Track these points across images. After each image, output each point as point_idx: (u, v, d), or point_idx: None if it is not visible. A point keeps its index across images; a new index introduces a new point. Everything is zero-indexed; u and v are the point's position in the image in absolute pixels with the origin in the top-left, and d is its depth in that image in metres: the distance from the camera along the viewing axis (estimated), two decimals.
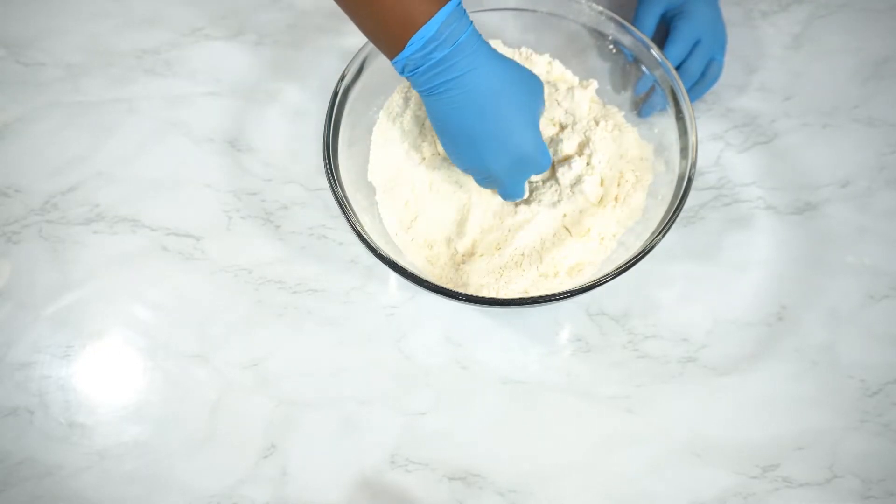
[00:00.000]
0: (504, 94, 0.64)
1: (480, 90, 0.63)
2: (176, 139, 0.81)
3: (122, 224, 0.77)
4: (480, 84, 0.63)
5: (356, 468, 0.68)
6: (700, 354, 0.71)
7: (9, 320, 0.73)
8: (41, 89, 0.83)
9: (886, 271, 0.74)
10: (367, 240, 0.66)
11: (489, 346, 0.72)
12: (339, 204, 0.67)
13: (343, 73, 0.71)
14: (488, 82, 0.63)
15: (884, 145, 0.79)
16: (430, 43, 0.61)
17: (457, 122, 0.64)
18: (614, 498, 0.67)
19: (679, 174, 0.69)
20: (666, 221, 0.66)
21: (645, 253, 0.65)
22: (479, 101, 0.63)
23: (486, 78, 0.63)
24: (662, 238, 0.66)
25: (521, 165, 0.67)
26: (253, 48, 0.85)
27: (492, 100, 0.64)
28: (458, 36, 0.62)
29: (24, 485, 0.68)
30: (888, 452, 0.68)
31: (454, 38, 0.61)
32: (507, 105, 0.64)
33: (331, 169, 0.68)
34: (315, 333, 0.73)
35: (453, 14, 0.61)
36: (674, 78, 0.72)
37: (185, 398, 0.71)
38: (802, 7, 0.86)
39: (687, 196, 0.67)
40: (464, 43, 0.62)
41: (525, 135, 0.65)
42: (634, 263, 0.65)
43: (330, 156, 0.69)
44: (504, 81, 0.64)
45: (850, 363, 0.71)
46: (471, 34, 0.62)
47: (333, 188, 0.68)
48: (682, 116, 0.70)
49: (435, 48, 0.61)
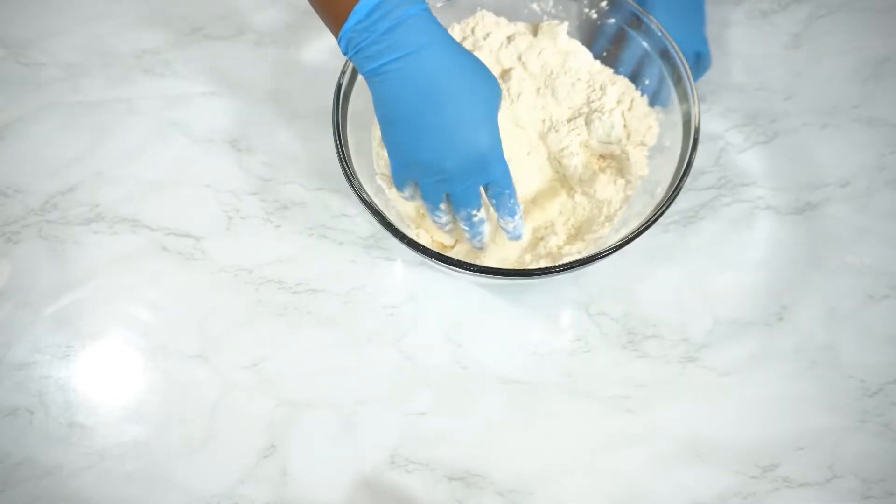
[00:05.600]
0: (457, 79, 0.57)
1: (429, 71, 0.57)
2: (176, 139, 0.81)
3: (121, 224, 0.77)
4: (430, 65, 0.57)
5: (356, 468, 0.68)
6: (700, 354, 0.71)
7: (9, 320, 0.73)
8: (41, 89, 0.83)
9: (886, 271, 0.74)
10: (370, 205, 0.65)
11: (489, 345, 0.72)
12: (345, 171, 0.67)
13: (343, 67, 0.71)
14: (439, 64, 0.57)
15: (884, 145, 0.79)
16: (375, 12, 0.55)
17: (402, 107, 0.58)
18: (614, 498, 0.67)
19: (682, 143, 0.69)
20: (671, 193, 0.66)
21: (654, 220, 0.65)
22: (427, 84, 0.57)
23: (437, 59, 0.57)
24: (672, 203, 0.66)
25: (475, 165, 0.60)
26: (253, 48, 0.85)
27: (443, 84, 0.57)
28: (407, 9, 0.56)
29: (24, 485, 0.68)
30: (888, 452, 0.68)
31: (402, 10, 0.56)
32: (460, 92, 0.57)
33: (340, 145, 0.67)
34: (315, 333, 0.73)
35: None
36: (670, 44, 0.70)
37: (185, 398, 0.71)
38: (802, 7, 0.86)
39: (694, 157, 0.67)
40: (412, 17, 0.56)
41: (480, 128, 0.59)
42: (645, 230, 0.65)
43: (338, 127, 0.68)
44: (458, 67, 0.58)
45: (850, 363, 0.71)
46: (422, 11, 0.57)
47: (342, 159, 0.67)
48: (682, 85, 0.70)
49: (379, 18, 0.56)
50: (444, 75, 0.57)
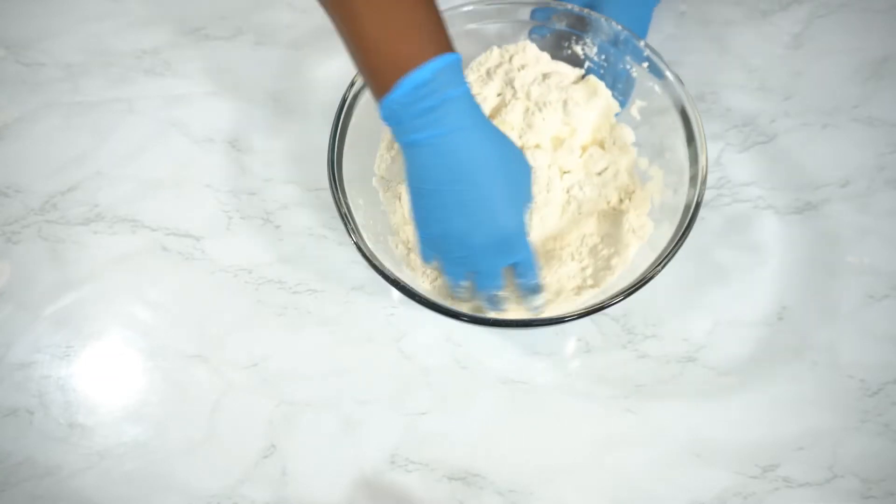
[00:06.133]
0: (493, 162, 0.59)
1: (464, 151, 0.58)
2: (176, 139, 0.81)
3: (121, 224, 0.77)
4: (468, 146, 0.58)
5: (356, 468, 0.68)
6: (700, 354, 0.71)
7: (9, 320, 0.73)
8: (41, 89, 0.83)
9: (886, 271, 0.74)
10: (369, 257, 0.65)
11: (489, 345, 0.72)
12: (343, 218, 0.66)
13: (352, 79, 0.70)
14: (477, 146, 0.58)
15: (884, 145, 0.79)
16: (421, 89, 0.56)
17: (433, 181, 0.59)
18: (614, 498, 0.67)
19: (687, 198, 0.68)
20: (673, 245, 0.65)
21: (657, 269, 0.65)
22: (460, 163, 0.58)
23: (476, 141, 0.58)
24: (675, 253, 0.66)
25: (501, 247, 0.61)
26: (253, 48, 0.85)
27: (476, 164, 0.58)
28: (451, 90, 0.57)
29: (24, 485, 0.68)
30: (888, 452, 0.68)
31: (446, 90, 0.57)
32: (494, 175, 0.59)
33: (335, 180, 0.67)
34: (315, 333, 0.73)
35: (450, 67, 0.57)
36: (685, 97, 0.69)
37: (185, 398, 0.71)
38: (802, 6, 0.86)
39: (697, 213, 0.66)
40: (456, 99, 0.57)
41: (510, 212, 0.60)
42: (644, 283, 0.64)
43: (335, 167, 0.68)
44: (494, 150, 0.59)
45: (850, 363, 0.71)
46: (465, 93, 0.58)
47: (337, 201, 0.67)
48: (693, 143, 0.69)
49: (424, 95, 0.56)
50: (478, 156, 0.58)
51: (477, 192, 0.59)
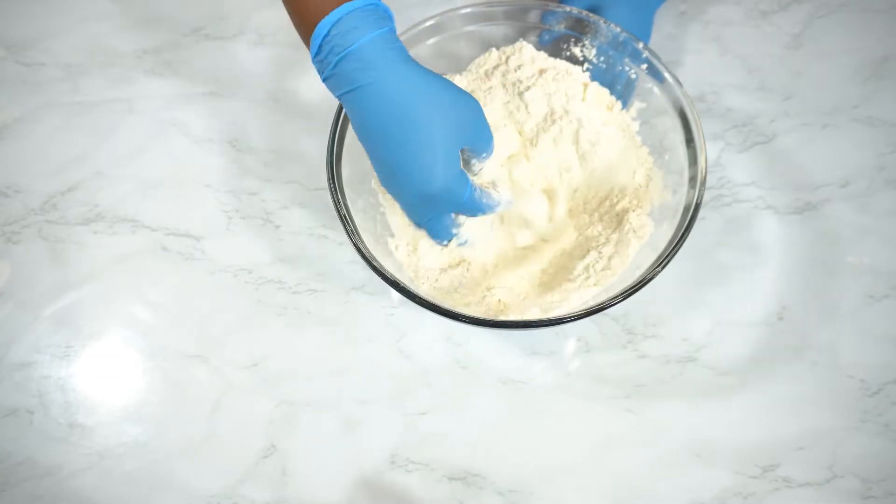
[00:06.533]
0: (407, 113, 0.55)
1: (377, 106, 0.54)
2: (176, 139, 0.81)
3: (121, 224, 0.77)
4: (378, 99, 0.54)
5: (356, 468, 0.68)
6: (700, 354, 0.71)
7: (9, 320, 0.73)
8: (41, 89, 0.83)
9: (886, 271, 0.74)
10: (368, 258, 0.65)
11: (489, 345, 0.72)
12: (342, 219, 0.66)
13: None
14: (386, 98, 0.54)
15: (884, 145, 0.79)
16: (325, 45, 0.53)
17: (363, 139, 0.57)
18: (614, 498, 0.67)
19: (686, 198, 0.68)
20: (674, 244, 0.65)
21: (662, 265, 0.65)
22: (375, 120, 0.55)
23: (384, 93, 0.54)
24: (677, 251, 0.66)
25: (430, 201, 0.58)
26: (253, 48, 0.85)
27: (390, 120, 0.55)
28: (351, 39, 0.53)
29: (24, 485, 0.68)
30: (888, 452, 0.68)
31: (346, 41, 0.53)
32: (409, 127, 0.55)
33: (334, 182, 0.67)
34: (315, 333, 0.73)
35: (354, 14, 0.53)
36: (684, 99, 0.69)
37: (185, 398, 0.71)
38: (802, 7, 0.86)
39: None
40: (358, 49, 0.53)
41: (432, 165, 0.56)
42: (642, 286, 0.64)
43: (333, 168, 0.67)
44: (409, 98, 0.55)
45: (850, 363, 0.71)
46: (374, 39, 0.54)
47: (336, 202, 0.66)
48: (692, 144, 0.69)
49: (329, 51, 0.53)
50: (395, 111, 0.55)
51: (392, 150, 0.56)
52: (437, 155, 0.56)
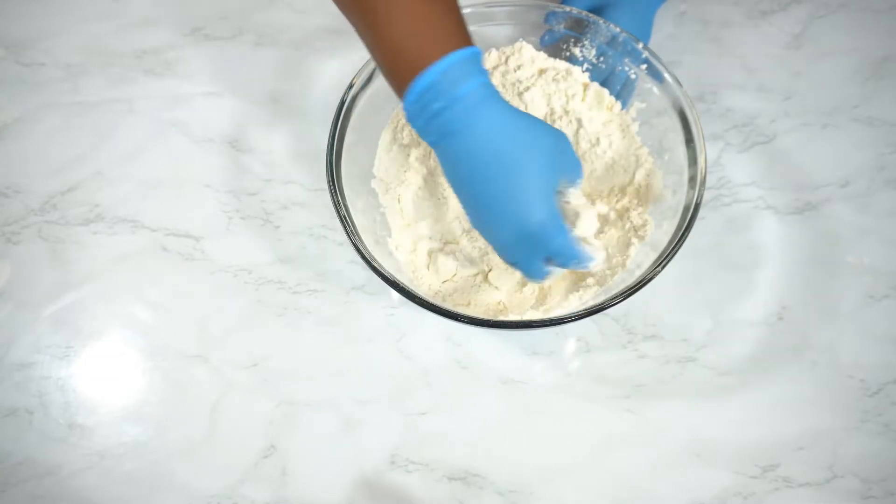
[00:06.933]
0: (508, 156, 0.56)
1: (477, 150, 0.56)
2: (176, 139, 0.81)
3: (121, 224, 0.77)
4: (478, 144, 0.56)
5: (356, 468, 0.68)
6: (700, 354, 0.71)
7: (9, 320, 0.73)
8: (41, 89, 0.83)
9: (886, 271, 0.74)
10: (368, 259, 0.65)
11: (489, 346, 0.72)
12: (342, 220, 0.66)
13: (351, 82, 0.70)
14: (488, 142, 0.56)
15: (884, 145, 0.79)
16: (428, 92, 0.55)
17: (457, 183, 0.59)
18: (614, 498, 0.67)
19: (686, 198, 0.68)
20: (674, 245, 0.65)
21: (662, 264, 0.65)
22: (474, 163, 0.56)
23: (486, 137, 0.56)
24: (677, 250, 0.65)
25: (529, 242, 0.58)
26: (253, 48, 0.85)
27: (491, 162, 0.56)
28: (462, 86, 0.55)
29: (24, 485, 0.68)
30: (888, 452, 0.68)
31: (455, 89, 0.55)
32: (510, 169, 0.56)
33: (333, 182, 0.67)
34: (315, 333, 0.73)
35: (460, 63, 0.55)
36: (684, 99, 0.69)
37: (185, 398, 0.71)
38: (802, 7, 0.86)
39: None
40: (464, 96, 0.55)
41: (530, 206, 0.57)
42: (642, 286, 0.64)
43: (333, 169, 0.67)
44: (510, 142, 0.56)
45: (850, 363, 0.71)
46: (475, 87, 0.56)
47: (335, 203, 0.67)
48: (692, 144, 0.69)
49: (432, 99, 0.55)
50: (494, 154, 0.56)
51: (490, 191, 0.57)
52: (537, 191, 0.58)
